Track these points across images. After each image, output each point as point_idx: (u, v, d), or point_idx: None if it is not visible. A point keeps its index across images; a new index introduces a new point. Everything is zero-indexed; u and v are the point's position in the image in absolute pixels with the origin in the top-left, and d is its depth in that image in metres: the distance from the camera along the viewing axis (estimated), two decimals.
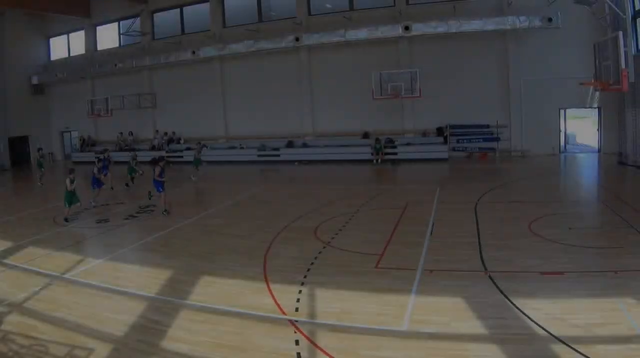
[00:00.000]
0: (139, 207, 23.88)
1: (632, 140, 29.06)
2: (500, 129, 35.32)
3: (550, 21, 31.36)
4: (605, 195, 21.86)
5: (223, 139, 43.67)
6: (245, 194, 25.88)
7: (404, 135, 37.98)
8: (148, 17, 45.73)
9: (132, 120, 46.86)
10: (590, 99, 28.49)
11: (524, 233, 16.15)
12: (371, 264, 13.95)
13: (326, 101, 39.73)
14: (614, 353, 8.63)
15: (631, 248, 14.00)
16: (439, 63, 36.13)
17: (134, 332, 10.53)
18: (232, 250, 16.28)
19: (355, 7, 38.46)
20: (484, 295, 11.39)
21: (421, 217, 18.89)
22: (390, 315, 10.68)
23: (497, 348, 9.08)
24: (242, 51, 39.57)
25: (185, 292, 12.73)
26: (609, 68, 21.68)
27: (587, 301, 10.77)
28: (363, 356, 9.17)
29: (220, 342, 9.89)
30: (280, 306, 11.41)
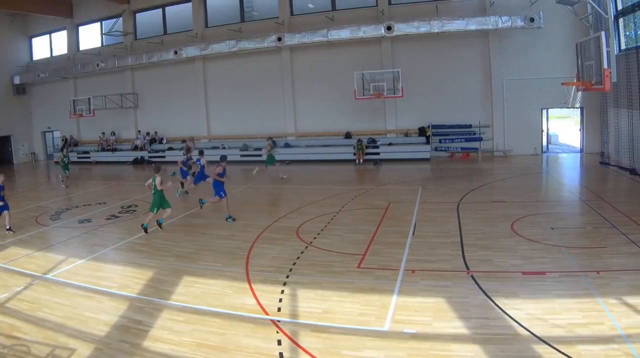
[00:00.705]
0: (121, 207, 23.80)
1: (614, 141, 29.17)
2: (482, 129, 35.53)
3: (533, 21, 31.50)
4: (587, 195, 21.92)
5: (205, 139, 43.50)
6: (228, 194, 25.81)
7: (386, 135, 38.03)
8: (130, 17, 45.52)
9: (115, 120, 46.76)
10: (572, 99, 28.58)
11: (506, 234, 16.24)
12: (353, 264, 14.02)
13: (308, 101, 39.81)
14: (596, 353, 8.67)
15: (613, 248, 14.11)
16: (421, 63, 36.27)
17: (116, 332, 10.52)
18: (214, 250, 16.25)
19: (337, 7, 38.45)
20: (466, 295, 11.46)
21: (403, 217, 18.95)
22: (373, 315, 10.72)
23: (479, 348, 9.13)
24: (224, 51, 39.45)
25: (168, 292, 12.74)
26: (592, 68, 21.78)
27: (569, 301, 10.81)
28: (345, 356, 9.20)
29: (203, 342, 9.91)
30: (263, 306, 11.45)
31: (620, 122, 27.82)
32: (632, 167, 25.71)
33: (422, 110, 36.65)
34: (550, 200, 22.25)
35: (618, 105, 27.98)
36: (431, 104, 36.34)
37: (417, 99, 36.02)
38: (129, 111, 46.56)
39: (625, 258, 13.22)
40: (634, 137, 25.72)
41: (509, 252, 14.35)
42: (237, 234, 17.83)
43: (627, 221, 16.81)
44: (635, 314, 9.96)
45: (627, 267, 12.58)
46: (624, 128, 27.24)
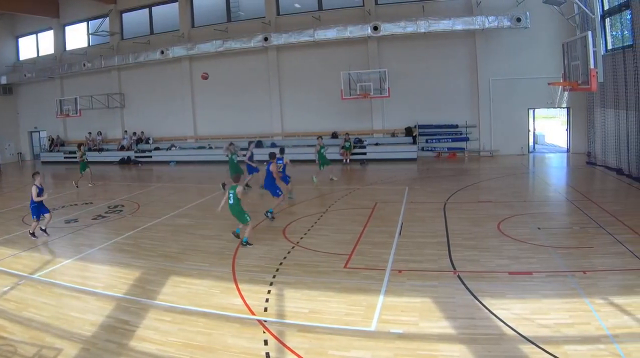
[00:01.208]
0: (107, 207, 23.70)
1: (600, 141, 29.25)
2: (469, 129, 35.65)
3: (519, 21, 31.59)
4: (574, 195, 22.00)
5: (192, 139, 43.48)
6: (214, 194, 25.76)
7: (373, 135, 38.10)
8: (117, 17, 45.36)
9: (101, 120, 46.60)
10: (559, 99, 28.69)
11: (493, 234, 16.27)
12: (340, 264, 14.02)
13: (295, 101, 39.84)
14: (583, 353, 8.69)
15: (600, 249, 14.15)
16: (408, 63, 36.36)
17: (103, 332, 10.49)
18: (201, 250, 16.25)
19: (324, 7, 38.46)
20: (453, 295, 11.47)
21: (390, 217, 18.94)
22: (359, 315, 10.71)
23: (465, 348, 9.14)
24: (210, 51, 39.38)
25: (154, 292, 12.71)
26: (578, 68, 21.84)
27: (556, 301, 10.84)
28: (332, 356, 9.20)
29: (189, 342, 9.90)
30: (249, 306, 11.43)
31: (606, 122, 27.90)
32: (619, 167, 25.80)
33: (409, 110, 36.77)
34: (536, 200, 22.31)
35: (605, 105, 28.07)
36: (418, 104, 36.46)
37: (403, 99, 36.18)
38: (116, 111, 46.41)
39: (612, 258, 13.26)
40: (620, 137, 25.82)
41: (496, 252, 14.38)
42: (224, 234, 17.74)
43: (614, 221, 16.87)
44: (622, 314, 9.98)
45: (613, 267, 12.62)
46: (610, 128, 27.32)
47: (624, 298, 10.67)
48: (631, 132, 24.39)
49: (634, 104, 23.87)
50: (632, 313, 9.96)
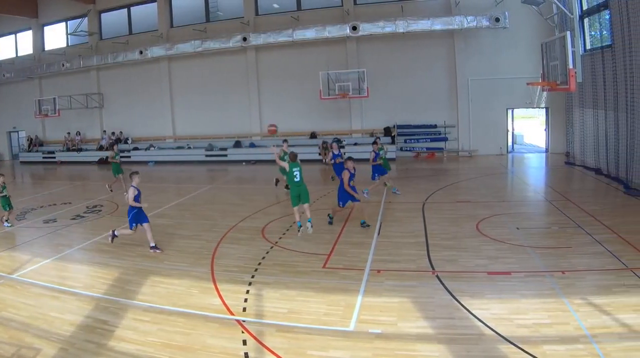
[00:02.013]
0: (86, 207, 23.57)
1: (579, 141, 29.41)
2: (447, 129, 35.86)
3: (498, 21, 31.79)
4: (553, 195, 22.09)
5: (171, 139, 43.39)
6: (193, 194, 25.74)
7: (351, 135, 38.22)
8: (95, 17, 45.24)
9: (80, 120, 46.47)
10: (537, 99, 28.82)
11: (472, 233, 16.30)
12: (319, 264, 14.02)
13: (274, 101, 39.93)
14: (561, 353, 8.72)
15: (578, 249, 14.20)
16: (386, 63, 36.55)
17: (82, 332, 10.43)
18: (179, 250, 16.17)
19: (302, 7, 38.56)
20: (432, 295, 11.48)
21: (368, 217, 18.77)
22: (338, 315, 10.71)
23: (444, 348, 9.13)
24: (189, 51, 39.39)
25: (133, 292, 12.64)
26: (557, 68, 21.95)
27: (535, 301, 10.86)
28: (310, 356, 9.18)
29: (168, 342, 9.86)
30: (228, 306, 11.41)
31: (585, 122, 28.07)
32: (597, 167, 25.95)
33: (388, 110, 36.95)
34: (515, 200, 22.38)
35: (583, 105, 28.22)
36: (396, 104, 36.66)
37: (382, 99, 36.34)
38: (94, 111, 46.21)
39: (591, 259, 13.31)
40: (598, 137, 25.97)
41: (474, 252, 14.41)
42: (202, 234, 17.78)
43: (592, 221, 16.95)
44: (601, 314, 10.00)
45: (592, 267, 12.67)
46: (589, 128, 27.49)
47: (603, 298, 10.70)
48: (610, 132, 24.54)
49: (612, 104, 24.01)
50: (610, 313, 9.99)
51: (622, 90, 22.91)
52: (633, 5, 21.02)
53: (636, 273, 11.99)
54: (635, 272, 12.07)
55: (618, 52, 23.02)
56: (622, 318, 9.75)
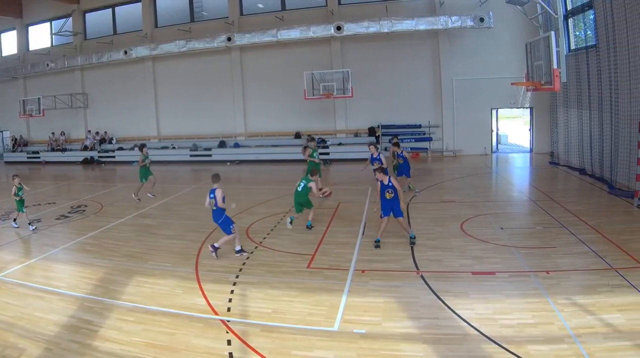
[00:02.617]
0: (70, 207, 23.47)
1: (563, 141, 29.52)
2: (432, 129, 35.92)
3: (482, 21, 31.83)
4: (537, 195, 22.12)
5: (155, 139, 43.26)
6: (178, 194, 25.70)
7: (336, 135, 38.26)
8: (80, 17, 44.97)
9: (64, 120, 46.19)
10: (522, 99, 28.91)
11: (456, 234, 16.37)
12: (303, 264, 14.06)
13: (258, 101, 39.86)
14: (546, 353, 8.77)
15: (563, 248, 14.28)
16: (371, 63, 36.53)
17: (66, 332, 10.43)
18: (164, 250, 16.18)
19: (287, 7, 38.49)
20: (416, 295, 11.52)
21: (353, 217, 18.99)
22: (322, 315, 10.74)
23: (429, 348, 9.17)
24: (174, 51, 39.14)
25: (118, 291, 12.64)
26: (541, 68, 22.00)
27: (519, 301, 10.93)
28: (295, 356, 9.21)
29: (153, 342, 9.87)
30: (212, 306, 11.44)
31: (569, 122, 28.17)
32: (582, 167, 26.05)
33: (372, 110, 36.98)
34: (500, 200, 22.45)
35: (568, 105, 28.33)
36: (381, 104, 36.68)
37: (366, 99, 36.33)
38: (79, 111, 45.98)
39: (575, 258, 13.39)
40: (583, 137, 26.07)
41: (459, 252, 14.47)
42: (187, 234, 17.80)
43: (577, 221, 17.05)
44: (585, 314, 10.05)
45: (576, 267, 12.74)
46: (573, 128, 27.60)
47: (587, 298, 10.77)
48: (594, 132, 24.63)
49: (596, 104, 24.10)
50: (595, 313, 10.04)
51: (606, 90, 23.01)
52: (617, 5, 21.11)
53: (620, 273, 12.05)
54: (620, 271, 12.14)
55: (602, 52, 23.12)
56: (607, 318, 9.81)
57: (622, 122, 21.42)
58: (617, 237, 15.02)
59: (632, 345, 8.84)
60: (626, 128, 21.02)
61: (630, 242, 14.48)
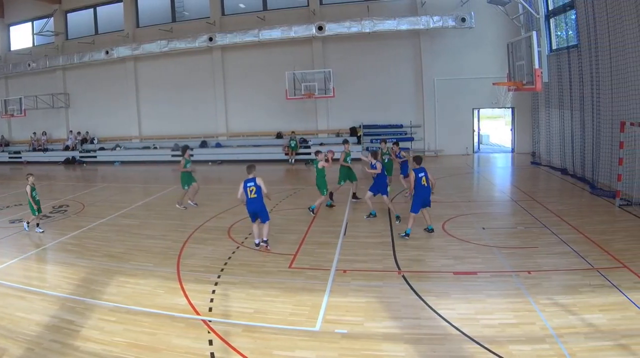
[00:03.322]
0: (52, 207, 23.33)
1: (545, 140, 29.65)
2: (413, 129, 35.96)
3: (464, 21, 31.90)
4: (519, 195, 22.21)
5: (137, 139, 43.10)
6: (159, 194, 25.60)
7: (317, 135, 38.27)
8: (61, 17, 44.68)
9: (46, 120, 45.85)
10: (503, 99, 29.00)
11: (438, 234, 16.42)
12: (285, 264, 14.06)
13: (240, 101, 39.80)
14: (528, 353, 8.81)
15: (544, 249, 14.37)
16: (352, 63, 36.60)
17: (48, 332, 10.40)
18: (145, 250, 16.13)
19: (269, 7, 38.45)
20: (398, 295, 11.56)
21: (335, 217, 19.04)
22: (304, 315, 10.75)
23: (410, 348, 9.19)
24: (155, 51, 38.93)
25: (99, 291, 12.61)
26: (523, 68, 22.02)
27: (501, 301, 10.99)
28: (276, 356, 9.22)
29: (134, 342, 9.86)
30: (194, 306, 11.43)
31: (551, 122, 28.30)
32: (563, 166, 26.17)
33: (354, 110, 37.01)
34: (481, 200, 22.50)
35: (549, 105, 28.47)
36: (362, 104, 36.72)
37: (348, 99, 36.38)
38: (61, 111, 45.69)
39: (557, 258, 13.47)
40: (564, 137, 26.20)
41: (441, 252, 14.54)
42: (168, 234, 17.75)
43: (558, 221, 17.16)
44: (567, 314, 10.11)
45: (558, 267, 12.82)
46: (555, 128, 27.72)
47: (569, 298, 10.83)
48: (575, 132, 24.75)
49: (578, 103, 24.23)
50: (576, 313, 10.11)
51: (588, 90, 23.13)
52: (599, 5, 21.23)
53: (602, 273, 12.13)
54: (601, 271, 12.23)
55: (584, 52, 23.24)
56: (588, 318, 9.87)
57: (603, 122, 21.54)
58: (599, 237, 15.12)
59: (614, 345, 8.89)
60: (607, 128, 21.14)
61: (612, 242, 14.60)
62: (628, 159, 18.91)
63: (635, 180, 18.70)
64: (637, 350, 8.70)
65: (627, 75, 19.33)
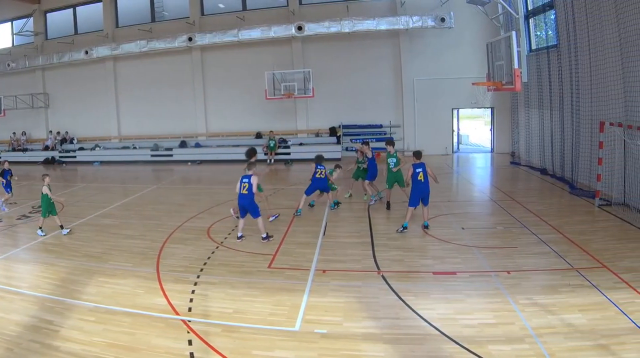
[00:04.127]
0: (32, 207, 23.15)
1: (524, 140, 29.81)
2: (393, 129, 36.06)
3: (443, 21, 31.98)
4: (498, 195, 22.26)
5: (116, 139, 42.91)
6: (138, 194, 25.49)
7: (297, 135, 38.30)
8: (41, 17, 44.38)
9: (25, 120, 45.45)
10: (482, 98, 29.10)
11: (417, 234, 16.45)
12: (264, 264, 14.03)
13: (220, 101, 39.78)
14: (507, 353, 8.82)
15: (524, 248, 14.43)
16: (332, 63, 36.70)
17: (27, 332, 10.32)
18: (125, 250, 16.04)
19: (248, 7, 38.42)
20: (377, 295, 11.57)
21: (314, 217, 19.06)
22: (283, 315, 10.73)
23: (390, 348, 9.18)
24: (135, 51, 38.76)
25: (79, 291, 12.53)
26: (502, 68, 22.06)
27: (480, 301, 11.02)
28: (256, 356, 9.20)
29: (114, 342, 9.80)
30: (173, 306, 11.38)
31: (530, 122, 28.44)
32: (543, 166, 26.32)
33: (333, 110, 37.11)
34: (461, 200, 22.56)
35: (529, 105, 28.60)
36: (342, 104, 36.85)
37: (328, 99, 36.49)
38: (40, 111, 45.39)
39: (536, 258, 13.53)
40: (544, 137, 26.34)
41: (420, 252, 14.57)
42: (148, 234, 17.67)
43: (538, 221, 17.24)
44: (546, 314, 10.13)
45: (537, 267, 12.88)
46: (534, 128, 27.87)
47: (548, 298, 10.87)
48: (555, 132, 24.88)
49: (557, 103, 24.35)
50: (556, 313, 10.13)
51: (567, 90, 23.25)
52: (578, 5, 21.33)
53: (581, 273, 12.19)
54: (581, 271, 12.28)
55: (563, 52, 23.35)
56: (568, 318, 9.90)
57: (583, 122, 21.64)
58: (578, 237, 15.21)
59: (593, 345, 8.91)
60: (587, 128, 21.25)
61: (591, 242, 14.68)
62: (607, 158, 19.03)
63: (615, 180, 18.82)
64: (616, 350, 8.72)
65: (606, 75, 19.44)
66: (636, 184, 17.58)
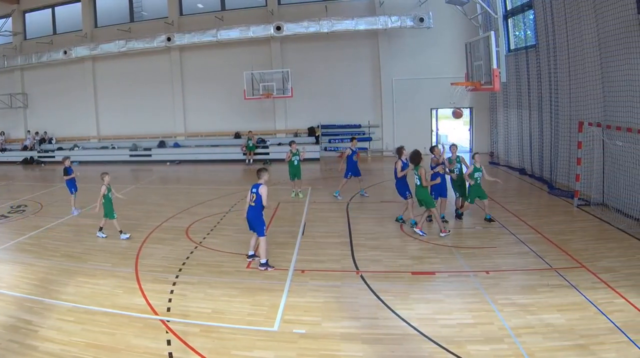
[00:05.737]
0: (10, 207, 23.02)
1: (503, 141, 29.92)
2: (372, 129, 36.16)
3: (422, 21, 32.01)
4: None
5: (95, 139, 42.66)
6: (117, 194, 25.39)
7: (275, 135, 38.33)
8: (20, 16, 44.04)
9: (4, 121, 45.13)
10: (461, 99, 29.18)
11: (396, 234, 16.54)
12: (243, 264, 14.06)
13: (198, 101, 39.71)
14: (486, 353, 8.87)
15: (503, 249, 14.55)
16: (311, 63, 36.73)
17: (5, 332, 10.30)
18: (104, 250, 16.01)
19: (227, 7, 38.37)
20: (356, 295, 11.61)
21: (293, 217, 19.13)
22: (262, 315, 10.76)
23: (368, 348, 9.22)
24: (113, 51, 38.51)
25: (58, 292, 12.49)
26: (481, 68, 22.16)
27: (459, 301, 11.08)
28: (234, 356, 9.22)
29: (92, 342, 9.80)
30: (152, 306, 11.40)
31: (509, 122, 28.54)
32: (522, 166, 26.43)
33: (312, 110, 37.12)
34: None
35: (507, 105, 28.71)
36: (321, 104, 36.88)
37: (306, 99, 36.53)
38: (19, 111, 45.02)
39: (515, 258, 13.64)
40: (523, 137, 26.45)
41: (399, 252, 14.60)
42: (127, 234, 17.49)
43: (517, 221, 17.38)
44: (525, 314, 10.20)
45: (516, 267, 12.98)
46: (513, 128, 27.98)
47: (527, 298, 10.94)
48: (534, 132, 24.99)
49: (536, 104, 24.47)
50: (534, 313, 10.21)
51: (546, 90, 23.36)
52: (557, 5, 21.45)
53: (560, 273, 12.27)
54: (559, 271, 12.38)
55: (542, 52, 23.46)
56: (546, 318, 9.97)
57: (561, 122, 21.76)
58: (557, 237, 15.33)
59: (572, 345, 8.98)
60: (566, 128, 21.37)
61: (570, 242, 14.81)
62: (586, 159, 19.13)
63: (594, 180, 18.92)
64: (595, 350, 8.79)
65: (585, 75, 19.56)
66: (615, 184, 17.70)
